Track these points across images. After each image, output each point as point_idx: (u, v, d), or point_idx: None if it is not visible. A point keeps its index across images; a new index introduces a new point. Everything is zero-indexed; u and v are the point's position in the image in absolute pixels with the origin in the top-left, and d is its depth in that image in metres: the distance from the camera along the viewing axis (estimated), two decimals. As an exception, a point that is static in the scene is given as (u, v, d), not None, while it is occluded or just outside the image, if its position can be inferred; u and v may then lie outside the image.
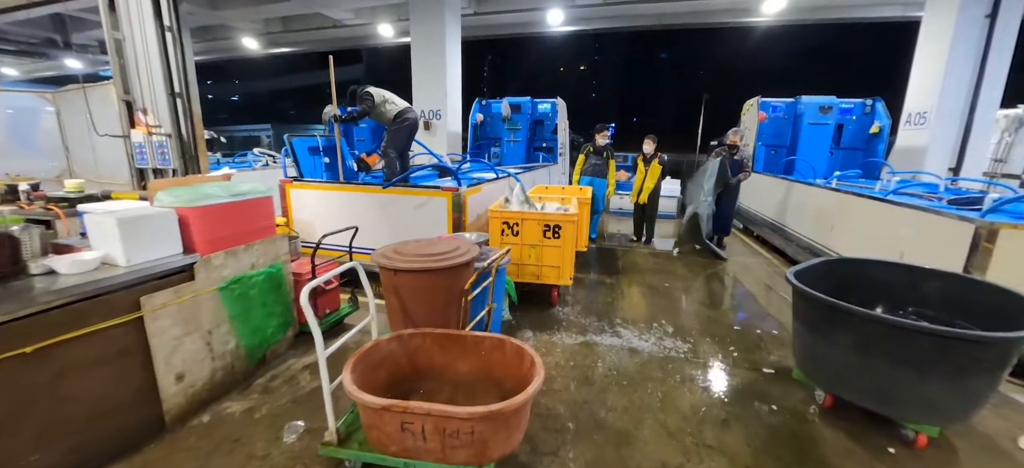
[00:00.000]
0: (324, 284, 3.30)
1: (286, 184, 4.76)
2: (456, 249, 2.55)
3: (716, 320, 3.91)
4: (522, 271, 3.95)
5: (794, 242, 5.96)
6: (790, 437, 2.37)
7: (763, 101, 8.46)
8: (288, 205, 4.80)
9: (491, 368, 2.27)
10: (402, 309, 2.46)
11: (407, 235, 4.47)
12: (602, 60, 41.35)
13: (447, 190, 4.07)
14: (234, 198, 2.62)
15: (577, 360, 3.10)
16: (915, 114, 7.87)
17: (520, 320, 3.75)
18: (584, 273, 5.17)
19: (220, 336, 2.58)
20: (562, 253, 3.83)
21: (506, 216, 3.85)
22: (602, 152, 6.31)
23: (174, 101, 4.30)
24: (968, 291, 2.55)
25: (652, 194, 6.36)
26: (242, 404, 2.58)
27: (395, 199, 4.34)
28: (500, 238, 3.91)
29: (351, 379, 1.87)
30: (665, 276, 5.13)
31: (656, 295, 4.50)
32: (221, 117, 41.90)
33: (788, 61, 23.98)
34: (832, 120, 8.09)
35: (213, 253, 2.49)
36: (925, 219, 3.62)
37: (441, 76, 9.59)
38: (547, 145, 9.63)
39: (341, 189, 4.59)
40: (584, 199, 5.01)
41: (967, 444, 2.33)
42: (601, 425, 2.43)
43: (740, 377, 2.95)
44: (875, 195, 4.48)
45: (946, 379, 2.01)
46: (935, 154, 7.59)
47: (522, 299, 4.11)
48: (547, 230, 3.80)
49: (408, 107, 5.19)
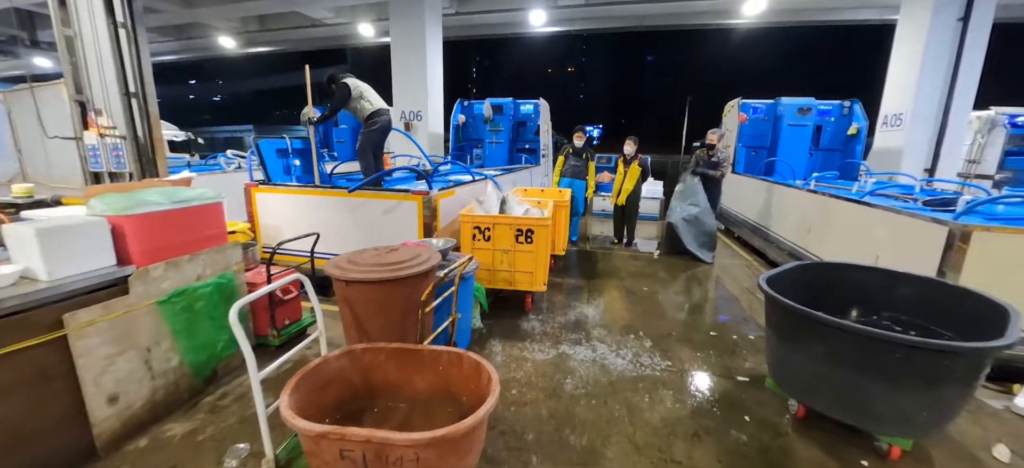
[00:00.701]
0: (281, 293, 3.14)
1: (251, 188, 4.56)
2: (415, 257, 2.41)
3: (693, 325, 3.83)
4: (494, 277, 3.82)
5: (774, 244, 5.94)
6: (762, 452, 2.28)
7: (743, 102, 8.48)
8: (254, 210, 4.61)
9: (449, 384, 2.13)
10: (356, 322, 2.31)
11: (377, 241, 4.32)
12: (589, 62, 41.57)
13: (417, 194, 3.93)
14: (176, 205, 2.45)
15: (546, 372, 2.98)
16: (891, 116, 7.97)
17: (491, 329, 3.63)
18: (562, 277, 5.06)
19: (161, 353, 2.40)
20: (535, 258, 3.71)
21: (477, 220, 3.73)
22: (581, 153, 6.22)
23: (129, 101, 4.08)
24: (943, 296, 2.50)
25: (631, 196, 6.29)
26: (185, 425, 2.41)
27: (364, 203, 4.18)
28: (471, 243, 3.78)
29: (289, 403, 1.72)
30: (644, 279, 5.06)
31: (634, 300, 4.41)
32: (204, 118, 41.04)
33: (769, 63, 24.34)
34: (811, 121, 8.14)
35: (151, 265, 2.31)
36: (899, 221, 3.58)
37: (422, 77, 9.44)
38: (530, 147, 9.53)
39: (308, 193, 4.42)
40: (561, 202, 4.91)
41: (942, 454, 2.27)
42: (566, 443, 2.32)
43: (714, 386, 2.86)
44: (851, 197, 4.45)
45: (918, 390, 1.94)
46: (911, 155, 7.69)
47: (495, 306, 3.98)
48: (519, 235, 3.68)
49: (384, 107, 5.03)
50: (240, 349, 1.77)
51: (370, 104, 4.81)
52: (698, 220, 5.93)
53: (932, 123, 7.50)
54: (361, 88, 4.79)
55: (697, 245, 5.93)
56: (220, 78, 41.81)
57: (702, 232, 5.96)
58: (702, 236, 5.96)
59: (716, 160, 6.03)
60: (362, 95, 4.79)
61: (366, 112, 4.80)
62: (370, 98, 4.85)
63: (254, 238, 4.55)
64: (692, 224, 5.96)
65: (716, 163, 6.01)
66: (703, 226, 5.94)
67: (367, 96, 4.83)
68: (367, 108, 4.80)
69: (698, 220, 5.93)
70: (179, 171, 5.27)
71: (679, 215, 5.99)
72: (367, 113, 4.82)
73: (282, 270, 3.26)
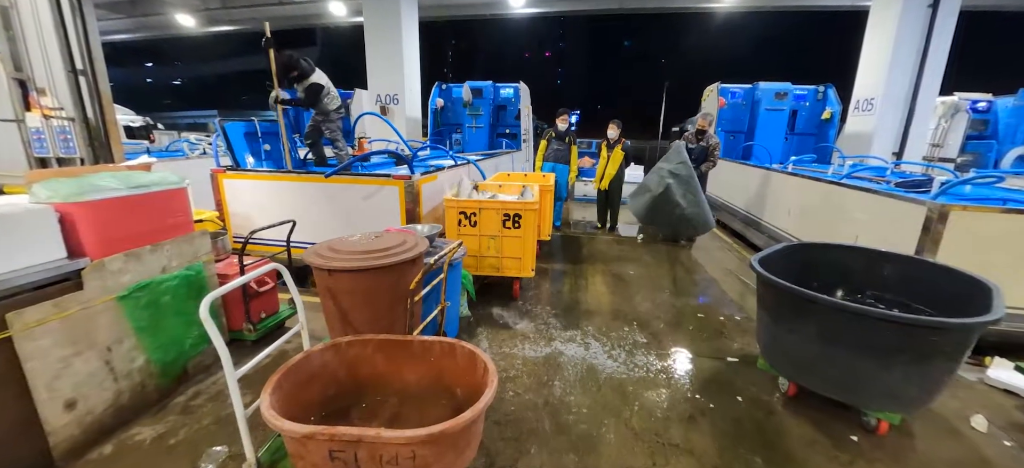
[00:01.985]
0: (256, 285, 2.96)
1: (218, 174, 4.28)
2: (401, 244, 2.28)
3: (679, 308, 3.84)
4: (481, 264, 3.72)
5: (754, 227, 6.04)
6: (756, 430, 2.29)
7: (723, 87, 8.55)
8: (222, 197, 4.34)
9: (442, 375, 2.04)
10: (340, 314, 2.18)
11: (357, 228, 4.14)
12: (567, 47, 41.29)
13: (399, 179, 3.76)
14: (134, 191, 2.23)
15: (538, 358, 2.92)
16: (863, 100, 8.18)
17: (479, 316, 3.54)
18: (547, 263, 5.01)
19: (124, 353, 2.21)
20: (523, 244, 3.63)
21: (463, 206, 3.60)
22: (564, 137, 6.14)
23: (76, 80, 3.73)
24: (924, 274, 2.55)
25: (614, 180, 6.26)
26: (155, 429, 2.24)
27: (343, 189, 3.98)
28: (457, 229, 3.66)
29: (271, 402, 1.59)
30: (629, 264, 5.05)
31: (619, 283, 4.39)
32: (164, 103, 38.78)
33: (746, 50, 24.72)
34: (787, 106, 8.28)
35: (108, 257, 2.10)
36: (878, 202, 3.66)
37: (398, 59, 9.10)
38: (510, 131, 9.38)
39: (281, 179, 4.18)
40: (546, 186, 4.82)
41: (924, 427, 2.34)
42: (563, 429, 2.27)
43: (705, 368, 2.86)
44: (830, 179, 4.53)
45: (908, 366, 1.97)
46: (881, 139, 7.93)
47: (482, 293, 3.89)
48: (507, 220, 3.58)
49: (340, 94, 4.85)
50: (213, 345, 1.62)
51: (335, 98, 4.68)
52: (689, 182, 5.38)
53: (901, 108, 7.74)
54: (326, 83, 4.59)
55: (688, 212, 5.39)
56: (180, 60, 39.54)
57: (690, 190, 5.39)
58: (693, 207, 5.40)
59: (704, 146, 5.78)
60: (328, 92, 4.60)
61: (333, 105, 4.65)
62: (335, 91, 4.70)
63: (224, 227, 4.29)
64: (682, 183, 5.38)
65: (705, 151, 5.75)
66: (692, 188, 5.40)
67: (333, 91, 4.68)
68: (333, 101, 4.66)
69: (689, 182, 5.38)
70: (136, 157, 4.90)
71: (666, 170, 5.41)
72: (335, 105, 4.66)
73: (256, 260, 3.06)
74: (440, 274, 2.49)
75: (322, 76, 4.54)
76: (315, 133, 4.86)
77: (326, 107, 4.62)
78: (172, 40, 32.14)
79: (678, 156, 5.48)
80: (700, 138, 5.81)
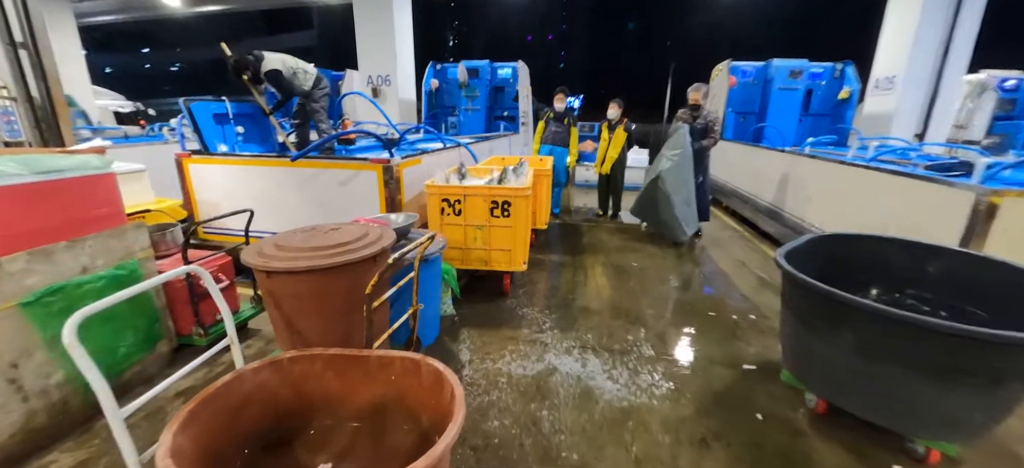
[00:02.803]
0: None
1: (183, 159, 3.92)
2: (361, 238, 1.92)
3: (687, 305, 3.48)
4: (467, 256, 3.36)
5: (766, 213, 5.64)
6: (779, 457, 1.94)
7: (733, 65, 8.05)
8: (188, 184, 3.98)
9: (405, 396, 1.69)
10: (286, 323, 1.83)
11: (332, 217, 3.77)
12: (570, 29, 40.36)
13: (377, 162, 3.39)
14: (42, 177, 1.87)
15: (526, 366, 2.57)
16: (883, 79, 7.68)
17: (465, 315, 3.19)
18: (543, 253, 4.64)
19: (34, 368, 1.88)
20: (514, 234, 3.26)
21: (446, 192, 3.23)
22: (562, 118, 5.72)
23: (16, 54, 3.35)
24: (981, 272, 2.16)
25: (616, 164, 5.85)
26: (76, 454, 1.92)
27: (317, 174, 3.62)
28: (440, 218, 3.29)
29: (174, 445, 1.25)
30: (632, 254, 4.68)
31: (621, 277, 4.03)
32: (163, 89, 38.33)
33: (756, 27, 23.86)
34: (802, 85, 7.79)
35: (6, 256, 1.76)
36: (914, 188, 3.26)
37: (389, 37, 8.65)
38: (508, 113, 8.93)
39: (251, 163, 3.81)
40: (542, 171, 4.43)
41: (976, 452, 1.98)
42: (553, 456, 1.93)
43: (719, 379, 2.51)
44: (857, 162, 4.12)
45: (976, 389, 1.60)
46: (902, 120, 7.46)
47: (469, 289, 3.55)
48: (495, 207, 3.21)
49: (320, 72, 4.51)
50: (159, 350, 1.28)
51: (307, 73, 4.35)
52: (683, 173, 4.70)
53: (925, 86, 7.25)
54: (289, 63, 4.27)
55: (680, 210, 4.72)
56: (178, 45, 39.05)
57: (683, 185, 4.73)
58: (683, 206, 4.74)
59: (703, 124, 4.95)
60: (295, 72, 4.28)
61: (308, 83, 4.35)
62: (305, 67, 4.37)
63: (189, 217, 3.95)
64: (676, 173, 4.67)
65: (704, 128, 4.95)
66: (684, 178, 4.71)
67: (301, 67, 4.35)
68: (307, 79, 4.35)
69: (683, 173, 4.70)
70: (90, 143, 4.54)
71: (663, 157, 4.79)
72: (311, 83, 4.37)
73: (211, 255, 2.72)
74: (411, 272, 2.13)
75: (278, 58, 4.24)
76: (301, 114, 4.56)
77: (301, 87, 4.29)
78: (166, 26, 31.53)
79: (675, 142, 4.76)
80: (695, 114, 4.97)
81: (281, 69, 4.18)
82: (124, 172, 3.23)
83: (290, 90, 4.36)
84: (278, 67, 4.18)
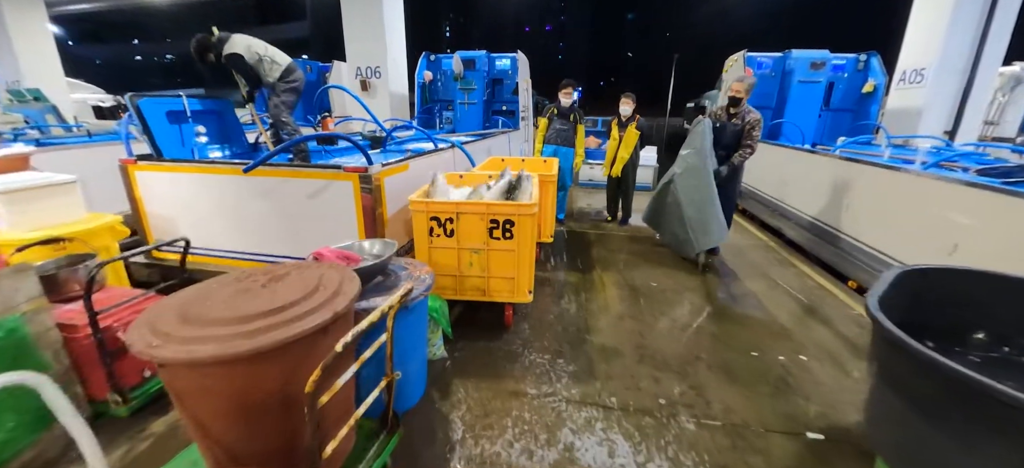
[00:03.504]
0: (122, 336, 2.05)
1: (129, 166, 3.34)
2: (308, 296, 1.36)
3: (724, 340, 2.94)
4: (462, 285, 2.81)
5: (794, 221, 5.10)
6: None
7: (749, 56, 7.47)
8: (136, 195, 3.40)
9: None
10: (196, 425, 1.27)
11: (300, 236, 3.20)
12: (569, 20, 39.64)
13: (352, 171, 2.82)
14: None
15: (536, 451, 2.01)
16: (911, 71, 7.11)
17: (458, 359, 2.65)
18: (548, 270, 4.09)
19: None
20: (517, 259, 2.71)
21: (435, 209, 2.67)
22: (569, 114, 5.14)
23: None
24: None
25: (628, 165, 5.29)
26: None
27: (281, 185, 3.04)
28: (428, 241, 2.73)
29: None
30: (650, 270, 4.13)
31: (640, 302, 3.49)
32: (152, 82, 37.44)
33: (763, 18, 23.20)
34: (824, 77, 7.22)
35: None
36: (999, 202, 2.72)
37: (378, 25, 8.00)
38: (507, 108, 8.33)
39: (207, 171, 3.23)
40: (548, 177, 3.87)
41: None
42: None
43: (779, 454, 1.97)
44: (914, 168, 3.58)
45: None
46: (931, 116, 6.91)
47: (465, 317, 3.01)
48: (495, 227, 2.65)
49: (293, 62, 3.92)
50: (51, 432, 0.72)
51: (275, 63, 3.79)
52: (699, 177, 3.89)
53: (958, 79, 6.69)
54: (257, 48, 3.73)
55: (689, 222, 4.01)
56: (169, 37, 38.27)
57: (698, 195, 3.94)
58: (698, 215, 3.95)
59: (739, 126, 3.91)
60: (261, 58, 3.73)
61: (275, 73, 3.80)
62: (274, 56, 3.81)
63: (135, 234, 3.39)
64: (691, 177, 3.95)
65: (739, 131, 3.92)
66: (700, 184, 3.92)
67: (271, 54, 3.79)
68: (274, 69, 3.79)
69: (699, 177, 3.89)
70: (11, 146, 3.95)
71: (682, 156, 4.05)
72: (280, 73, 3.82)
73: (136, 297, 2.15)
74: (383, 335, 1.58)
75: (243, 43, 3.69)
76: (275, 110, 4.00)
77: (265, 77, 3.74)
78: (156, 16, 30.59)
79: (691, 139, 4.05)
80: (732, 112, 4.00)
81: (243, 54, 3.63)
82: (42, 186, 2.65)
83: (256, 80, 3.82)
84: (240, 52, 3.62)
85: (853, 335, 3.02)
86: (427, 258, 2.75)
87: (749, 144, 3.93)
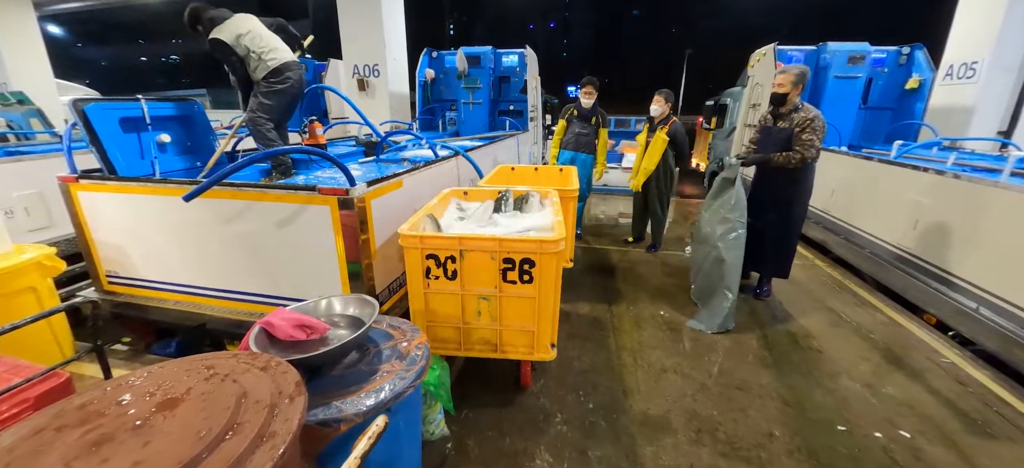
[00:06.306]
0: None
1: (70, 184, 2.79)
2: (212, 446, 0.79)
3: (799, 406, 2.33)
4: (467, 339, 2.23)
5: (858, 246, 4.29)
6: None
7: (780, 49, 6.82)
8: (80, 218, 2.86)
9: None
10: None
11: (273, 272, 2.67)
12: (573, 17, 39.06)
13: (329, 193, 2.25)
14: None
15: None
16: (960, 65, 6.46)
17: (464, 436, 2.07)
18: (570, 302, 3.50)
19: None
20: (538, 307, 2.12)
21: (433, 245, 2.09)
22: (590, 117, 4.53)
23: None
24: None
25: (652, 178, 4.44)
26: None
27: (246, 209, 2.48)
28: (424, 283, 2.15)
29: None
30: (686, 307, 3.45)
31: (683, 348, 2.89)
32: (158, 82, 37.24)
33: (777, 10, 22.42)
34: (863, 73, 6.56)
35: None
36: None
37: (377, 21, 7.45)
38: (515, 108, 7.74)
39: (160, 191, 2.66)
40: (568, 193, 3.23)
41: None
42: None
43: None
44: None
45: None
46: (984, 115, 6.26)
47: (470, 372, 2.44)
48: (509, 268, 2.07)
49: (293, 60, 3.34)
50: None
51: (262, 59, 3.16)
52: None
53: (1015, 74, 6.04)
54: (248, 41, 3.14)
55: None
56: (175, 37, 38.34)
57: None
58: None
59: (788, 131, 3.11)
60: (249, 52, 3.14)
61: (260, 71, 3.19)
62: (263, 50, 3.18)
63: (80, 263, 2.84)
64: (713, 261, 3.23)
65: (788, 135, 3.10)
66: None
67: (261, 49, 3.16)
68: (260, 67, 3.17)
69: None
70: None
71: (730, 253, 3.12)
72: (269, 70, 3.20)
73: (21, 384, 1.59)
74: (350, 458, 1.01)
75: (233, 28, 3.11)
76: (251, 115, 3.41)
77: (250, 71, 3.17)
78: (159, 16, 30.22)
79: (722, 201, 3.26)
80: (779, 113, 3.20)
81: (229, 41, 3.05)
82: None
83: (245, 74, 3.25)
84: (225, 39, 3.04)
85: (954, 395, 2.41)
86: (422, 306, 2.18)
87: (798, 149, 3.07)
